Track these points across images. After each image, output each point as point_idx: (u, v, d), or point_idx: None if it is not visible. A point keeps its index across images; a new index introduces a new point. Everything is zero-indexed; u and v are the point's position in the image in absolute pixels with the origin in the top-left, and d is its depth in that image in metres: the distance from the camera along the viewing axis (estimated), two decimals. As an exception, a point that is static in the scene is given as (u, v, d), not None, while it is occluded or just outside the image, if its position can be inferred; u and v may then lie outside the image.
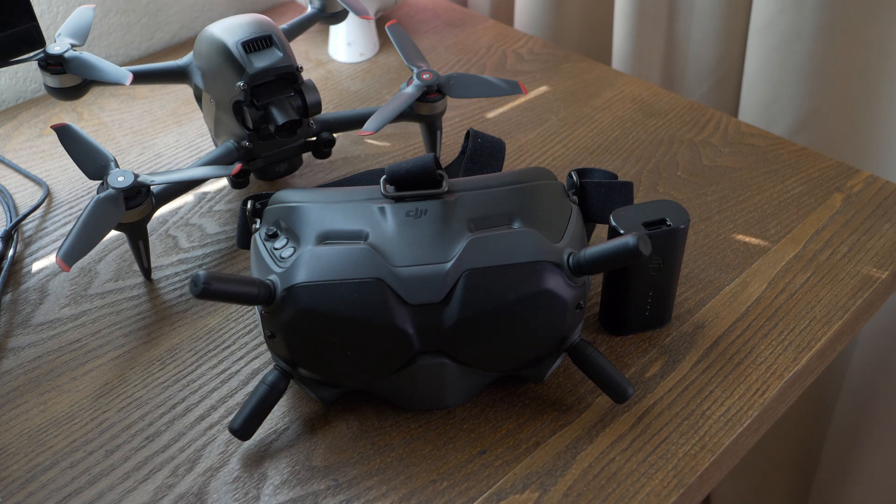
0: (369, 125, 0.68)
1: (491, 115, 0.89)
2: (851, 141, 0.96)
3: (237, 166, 0.65)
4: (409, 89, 0.73)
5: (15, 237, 0.74)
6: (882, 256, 0.70)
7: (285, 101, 0.70)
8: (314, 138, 0.76)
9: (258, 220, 0.60)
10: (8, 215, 0.77)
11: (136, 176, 0.63)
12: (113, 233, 0.65)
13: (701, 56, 1.04)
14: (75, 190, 0.81)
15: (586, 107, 0.90)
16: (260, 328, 0.65)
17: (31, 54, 0.73)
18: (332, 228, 0.55)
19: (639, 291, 0.61)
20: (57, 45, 0.72)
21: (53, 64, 0.71)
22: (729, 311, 0.65)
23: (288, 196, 0.58)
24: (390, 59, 1.00)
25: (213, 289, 0.48)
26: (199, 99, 0.77)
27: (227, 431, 0.58)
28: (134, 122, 0.90)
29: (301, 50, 1.01)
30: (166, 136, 0.88)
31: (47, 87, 0.73)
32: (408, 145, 0.85)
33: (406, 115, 0.76)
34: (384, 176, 0.56)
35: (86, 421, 0.59)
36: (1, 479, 0.56)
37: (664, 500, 0.53)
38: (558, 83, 0.94)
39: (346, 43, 0.99)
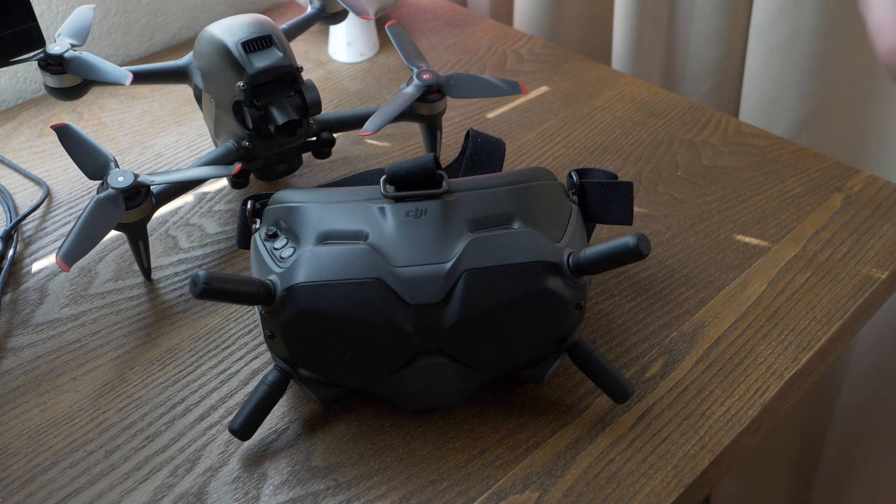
0: (369, 125, 0.68)
1: (491, 115, 0.89)
2: (851, 141, 0.96)
3: (237, 166, 0.65)
4: (409, 89, 0.73)
5: (15, 237, 0.74)
6: (882, 256, 0.70)
7: (285, 101, 0.70)
8: (314, 138, 0.76)
9: (258, 220, 0.60)
10: (8, 215, 0.77)
11: (136, 176, 0.63)
12: (113, 233, 0.65)
13: (701, 56, 1.04)
14: (75, 190, 0.81)
15: (586, 107, 0.90)
16: (260, 328, 0.64)
17: (31, 54, 0.73)
18: (332, 228, 0.55)
19: None
20: (57, 45, 0.72)
21: (53, 64, 0.71)
22: (729, 311, 0.65)
23: (288, 196, 0.58)
24: (390, 59, 1.00)
25: (213, 289, 0.48)
26: (199, 99, 0.77)
27: (227, 431, 0.58)
28: (134, 122, 0.90)
29: (301, 50, 1.01)
30: (166, 136, 0.88)
31: (47, 87, 0.73)
32: (408, 145, 0.85)
33: (406, 115, 0.76)
34: (384, 176, 0.56)
35: (86, 421, 0.59)
36: (1, 479, 0.56)
37: (664, 500, 0.53)
38: (558, 83, 0.94)
39: (346, 43, 0.99)
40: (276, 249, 0.56)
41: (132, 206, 0.64)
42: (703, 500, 1.02)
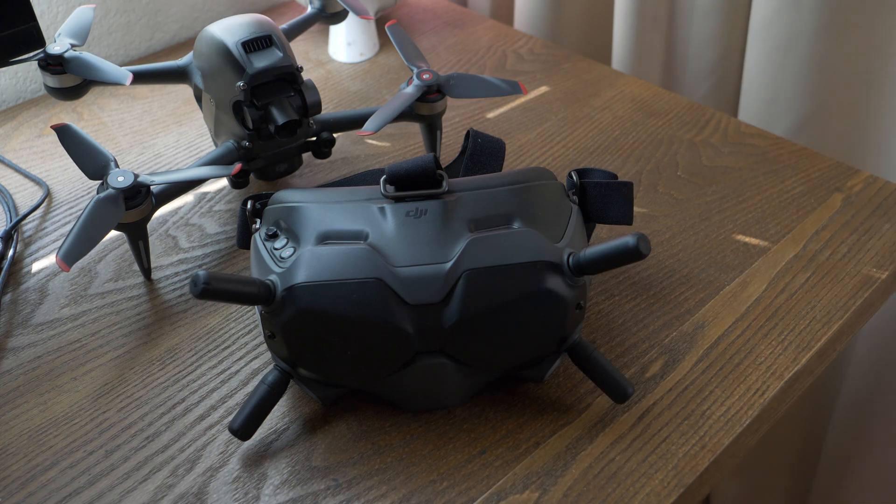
0: (369, 125, 0.68)
1: (491, 115, 0.89)
2: (851, 141, 0.96)
3: (237, 166, 0.65)
4: (409, 89, 0.73)
5: (15, 237, 0.74)
6: (882, 256, 0.70)
7: (285, 101, 0.70)
8: (314, 138, 0.76)
9: (258, 220, 0.60)
10: (8, 215, 0.77)
11: (136, 176, 0.63)
12: (113, 233, 0.65)
13: (701, 56, 1.04)
14: (75, 190, 0.81)
15: (586, 107, 0.90)
16: (260, 328, 0.65)
17: (31, 54, 0.73)
18: (332, 228, 0.55)
19: None
20: (57, 45, 0.72)
21: (53, 64, 0.71)
22: (729, 311, 0.65)
23: (288, 196, 0.58)
24: (390, 59, 1.00)
25: (213, 289, 0.48)
26: (199, 99, 0.77)
27: (227, 431, 0.58)
28: (134, 122, 0.90)
29: (301, 50, 1.01)
30: (166, 136, 0.88)
31: (47, 87, 0.73)
32: (408, 145, 0.85)
33: (406, 115, 0.76)
34: (384, 176, 0.56)
35: (86, 421, 0.59)
36: (1, 479, 0.56)
37: (664, 500, 0.53)
38: (558, 83, 0.94)
39: (346, 43, 0.99)
40: (276, 249, 0.56)
41: (132, 206, 0.64)
42: (703, 500, 1.02)
